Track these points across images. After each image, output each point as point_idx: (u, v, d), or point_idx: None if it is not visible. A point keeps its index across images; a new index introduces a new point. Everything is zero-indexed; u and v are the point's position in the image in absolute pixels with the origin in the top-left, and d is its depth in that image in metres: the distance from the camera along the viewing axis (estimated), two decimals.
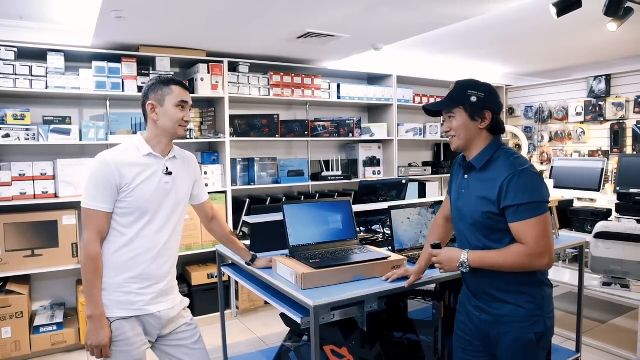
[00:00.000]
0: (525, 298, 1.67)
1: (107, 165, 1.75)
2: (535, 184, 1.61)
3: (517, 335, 1.67)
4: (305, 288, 1.88)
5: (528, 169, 1.61)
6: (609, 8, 2.71)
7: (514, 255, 1.61)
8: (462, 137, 1.72)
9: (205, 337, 3.52)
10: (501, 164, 1.66)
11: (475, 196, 1.70)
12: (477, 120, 1.69)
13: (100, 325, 1.74)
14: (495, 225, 1.66)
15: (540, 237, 1.58)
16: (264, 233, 2.42)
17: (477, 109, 1.68)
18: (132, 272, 1.81)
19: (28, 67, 3.36)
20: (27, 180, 3.40)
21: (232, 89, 4.10)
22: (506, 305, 1.69)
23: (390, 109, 5.04)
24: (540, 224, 1.58)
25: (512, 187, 1.59)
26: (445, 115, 1.76)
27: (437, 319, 2.34)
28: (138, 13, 2.92)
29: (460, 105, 1.69)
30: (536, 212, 1.58)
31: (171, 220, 1.89)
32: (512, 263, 1.61)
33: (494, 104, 1.71)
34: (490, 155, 1.70)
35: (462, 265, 1.69)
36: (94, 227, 1.76)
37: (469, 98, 1.68)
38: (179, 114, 1.85)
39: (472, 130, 1.70)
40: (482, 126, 1.70)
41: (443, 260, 1.75)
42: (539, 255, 1.59)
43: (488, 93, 1.70)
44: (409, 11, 3.03)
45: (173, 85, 1.86)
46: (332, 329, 2.17)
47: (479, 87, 1.70)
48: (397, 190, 3.18)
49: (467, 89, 1.69)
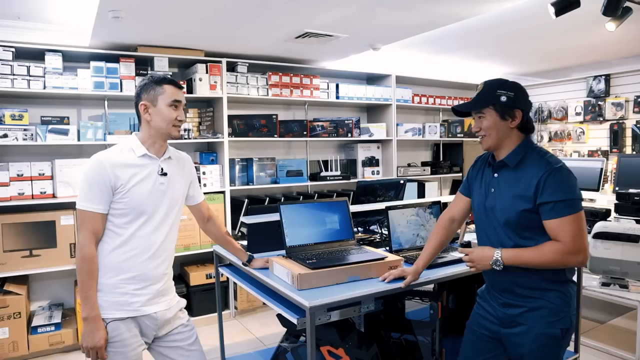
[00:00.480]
0: (554, 294, 1.69)
1: (102, 167, 1.75)
2: (571, 182, 1.63)
3: (543, 330, 1.68)
4: (301, 289, 1.87)
5: (563, 167, 1.64)
6: (608, 8, 2.70)
7: (551, 253, 1.62)
8: (493, 136, 1.73)
9: (204, 338, 3.52)
10: (535, 161, 1.68)
11: (509, 194, 1.71)
12: (507, 120, 1.71)
13: (96, 327, 1.73)
14: (529, 223, 1.67)
15: (576, 235, 1.59)
16: (261, 233, 2.42)
17: (507, 109, 1.70)
18: (128, 273, 1.80)
19: (26, 67, 3.35)
20: (25, 180, 3.40)
21: (230, 89, 4.09)
22: (536, 300, 1.70)
23: (389, 109, 5.03)
24: (576, 221, 1.60)
25: (549, 184, 1.61)
26: (475, 115, 1.77)
27: (434, 320, 2.34)
28: (135, 13, 2.91)
29: (490, 105, 1.71)
30: (573, 210, 1.60)
31: (167, 221, 1.89)
32: (549, 260, 1.63)
33: (524, 102, 1.73)
34: (523, 154, 1.72)
35: (495, 263, 1.69)
36: (89, 229, 1.75)
37: (499, 98, 1.69)
38: (172, 114, 1.84)
39: (502, 130, 1.72)
40: (512, 125, 1.71)
41: (475, 258, 1.75)
42: (576, 253, 1.60)
43: (518, 92, 1.71)
44: (406, 11, 3.02)
45: (165, 85, 1.84)
46: (329, 330, 2.17)
47: (508, 87, 1.71)
48: (395, 190, 3.17)
49: (497, 89, 1.71)
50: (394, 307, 2.53)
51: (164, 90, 1.83)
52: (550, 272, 1.68)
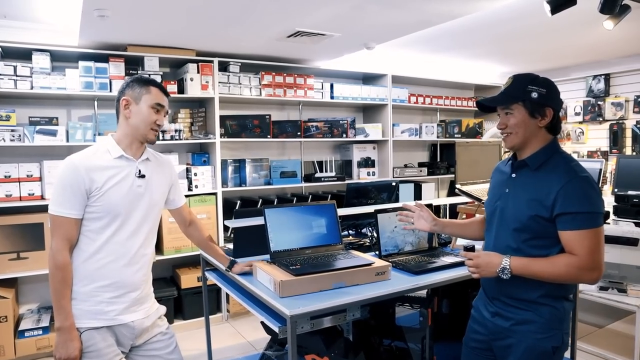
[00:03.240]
0: (546, 309, 1.60)
1: (76, 170, 1.69)
2: (595, 193, 1.52)
3: (533, 345, 1.60)
4: (283, 296, 1.81)
5: (589, 177, 1.53)
6: (605, 5, 2.63)
7: (564, 266, 1.52)
8: (519, 135, 1.62)
9: (195, 341, 3.47)
10: (560, 167, 1.57)
11: (524, 197, 1.61)
12: (537, 118, 1.60)
13: (70, 337, 1.67)
14: (540, 230, 1.57)
15: (594, 250, 1.50)
16: (247, 237, 2.36)
17: (538, 106, 1.59)
18: (103, 280, 1.74)
19: (12, 67, 3.29)
20: (13, 182, 3.35)
21: (222, 89, 4.03)
22: (526, 313, 1.62)
23: (385, 109, 4.96)
24: (596, 236, 1.50)
25: (571, 193, 1.50)
26: (501, 111, 1.66)
27: (424, 326, 2.28)
28: (121, 12, 2.85)
29: (519, 101, 1.60)
30: (593, 224, 1.50)
31: (144, 225, 1.83)
32: (561, 274, 1.53)
33: (556, 100, 1.63)
34: (548, 156, 1.61)
35: (502, 271, 1.58)
36: (63, 235, 1.69)
37: (530, 94, 1.58)
38: (152, 116, 1.79)
39: (530, 129, 1.61)
40: (541, 124, 1.61)
41: (481, 264, 1.63)
42: (591, 269, 1.50)
43: (550, 89, 1.61)
44: (399, 9, 2.96)
45: (152, 87, 1.81)
46: (314, 338, 2.11)
47: (540, 83, 1.61)
48: (388, 192, 3.11)
49: (528, 84, 1.60)
50: (385, 313, 2.47)
51: (149, 90, 1.79)
52: (552, 288, 1.59)
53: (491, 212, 1.74)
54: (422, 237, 2.50)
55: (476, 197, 2.56)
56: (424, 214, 1.96)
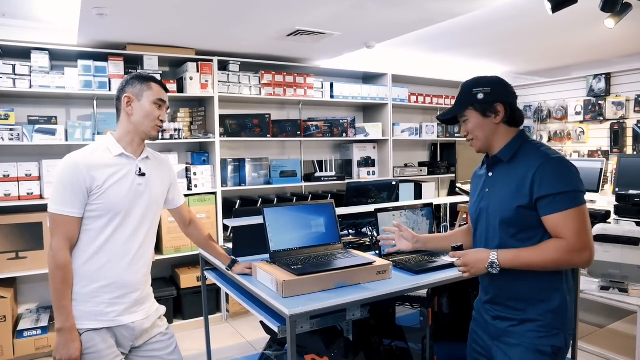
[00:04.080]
0: (546, 307, 1.56)
1: (76, 168, 1.67)
2: (571, 172, 1.50)
3: (532, 346, 1.55)
4: (286, 296, 1.80)
5: (561, 158, 1.52)
6: (606, 3, 2.63)
7: (553, 251, 1.48)
8: (480, 137, 1.64)
9: (194, 341, 3.46)
10: (531, 153, 1.57)
11: (503, 191, 1.59)
12: (490, 116, 1.61)
13: (70, 338, 1.65)
14: (526, 221, 1.54)
15: (580, 230, 1.45)
16: (246, 237, 2.35)
17: (487, 105, 1.61)
18: (103, 280, 1.72)
19: (11, 65, 3.28)
20: (12, 181, 3.33)
21: (222, 88, 4.02)
22: (526, 313, 1.58)
23: (385, 109, 4.95)
24: (579, 215, 1.46)
25: (547, 175, 1.49)
26: (460, 120, 1.69)
27: (424, 326, 2.26)
28: (120, 10, 2.84)
29: (469, 106, 1.63)
30: (574, 202, 1.46)
31: (144, 224, 1.81)
32: (551, 260, 1.48)
33: (503, 94, 1.62)
34: (517, 147, 1.61)
35: (491, 265, 1.54)
36: (63, 234, 1.67)
37: (476, 96, 1.61)
38: (155, 112, 1.78)
39: (488, 128, 1.62)
40: (497, 121, 1.61)
41: (469, 261, 1.60)
42: (580, 250, 1.46)
43: (494, 85, 1.62)
44: (399, 8, 2.95)
45: (153, 83, 1.81)
46: (314, 338, 2.09)
47: (483, 83, 1.63)
48: (388, 192, 3.09)
49: (472, 88, 1.63)
50: (385, 313, 2.46)
51: (150, 87, 1.79)
52: (549, 280, 1.55)
53: (476, 216, 1.72)
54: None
55: None
56: (404, 233, 1.94)
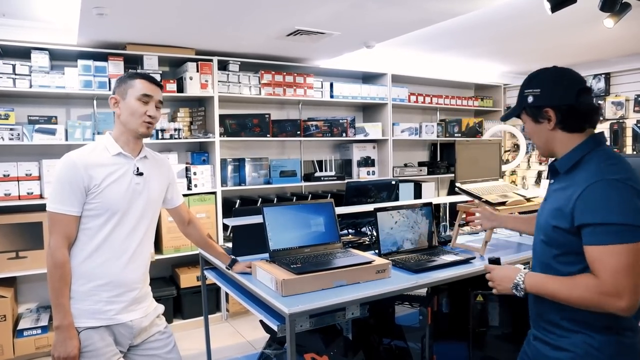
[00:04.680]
0: (580, 338, 1.33)
1: (74, 167, 1.68)
2: (628, 200, 1.23)
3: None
4: (285, 295, 1.80)
5: (621, 179, 1.25)
6: (605, 3, 2.63)
7: (582, 289, 1.27)
8: (538, 144, 1.47)
9: (194, 341, 3.47)
10: (588, 169, 1.32)
11: (550, 207, 1.41)
12: (542, 122, 1.41)
13: (69, 336, 1.66)
14: (567, 245, 1.33)
15: (619, 271, 1.21)
16: (246, 236, 2.35)
17: (537, 110, 1.40)
18: (102, 279, 1.73)
19: (11, 65, 3.29)
20: (12, 180, 3.34)
21: (222, 87, 4.02)
22: (561, 339, 1.38)
23: (385, 108, 4.96)
24: (623, 254, 1.21)
25: (591, 200, 1.25)
26: None
27: (424, 325, 2.27)
28: (120, 10, 2.84)
29: (522, 110, 1.46)
30: (621, 238, 1.21)
31: (142, 223, 1.81)
32: (578, 297, 1.28)
33: (554, 96, 1.38)
34: (579, 157, 1.36)
35: (515, 287, 1.41)
36: (61, 232, 1.68)
37: (526, 99, 1.42)
38: (140, 109, 1.76)
39: (543, 134, 1.42)
40: (550, 127, 1.39)
41: (496, 277, 1.49)
42: (614, 295, 1.21)
43: (545, 85, 1.40)
44: (399, 7, 2.95)
45: (137, 79, 1.78)
46: (313, 337, 2.10)
47: (534, 83, 1.42)
48: (387, 191, 3.10)
49: (525, 89, 1.44)
50: (384, 312, 2.46)
51: (134, 84, 1.77)
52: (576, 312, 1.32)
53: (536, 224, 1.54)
54: (422, 235, 2.49)
55: (476, 195, 2.55)
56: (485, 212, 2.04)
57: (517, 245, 2.63)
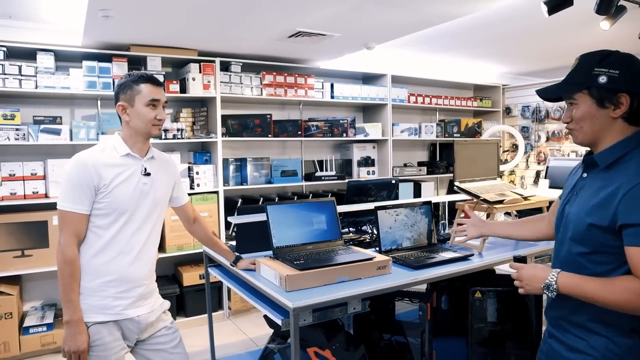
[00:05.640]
0: (602, 341, 1.31)
1: (85, 166, 1.73)
2: None
3: None
4: (289, 290, 1.85)
5: None
6: (601, 6, 2.68)
7: (623, 291, 1.22)
8: (586, 130, 1.34)
9: (197, 338, 3.52)
10: (633, 166, 1.27)
11: (587, 202, 1.33)
12: (608, 108, 1.30)
13: (78, 331, 1.71)
14: (603, 244, 1.29)
15: None
16: (250, 233, 2.40)
17: (609, 92, 1.28)
18: (109, 275, 1.78)
19: (17, 66, 3.34)
20: (17, 180, 3.39)
21: (224, 88, 4.08)
22: (578, 341, 1.36)
23: (384, 109, 5.01)
24: None
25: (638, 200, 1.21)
26: (566, 101, 1.39)
27: (423, 321, 2.32)
28: (126, 12, 2.90)
29: (583, 89, 1.32)
30: None
31: (148, 222, 1.87)
32: (619, 300, 1.23)
33: (633, 82, 1.28)
34: (623, 153, 1.30)
35: (547, 287, 1.33)
36: (71, 230, 1.73)
37: (597, 78, 1.29)
38: (150, 114, 1.80)
39: (600, 121, 1.31)
40: (615, 115, 1.30)
41: (524, 277, 1.40)
42: None
43: (624, 68, 1.28)
44: (399, 10, 3.00)
45: (142, 84, 1.80)
46: (316, 331, 2.15)
47: (611, 63, 1.29)
48: (387, 190, 3.15)
49: (595, 67, 1.30)
50: (385, 308, 2.52)
51: (140, 90, 1.79)
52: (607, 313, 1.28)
53: (558, 218, 1.48)
54: (421, 233, 2.54)
55: (475, 194, 2.61)
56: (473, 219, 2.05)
57: (514, 243, 2.68)
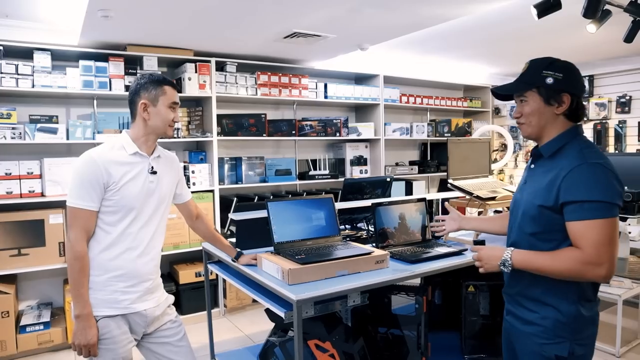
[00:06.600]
0: (552, 311, 1.49)
1: (95, 164, 1.76)
2: (607, 182, 1.39)
3: (537, 350, 1.51)
4: (291, 283, 1.91)
5: (601, 164, 1.41)
6: (588, 10, 2.77)
7: (567, 260, 1.41)
8: (533, 124, 1.55)
9: (193, 335, 3.56)
10: (572, 153, 1.47)
11: (534, 188, 1.54)
12: (552, 105, 1.51)
13: (88, 325, 1.75)
14: (549, 223, 1.48)
15: (601, 244, 1.37)
16: (249, 230, 2.45)
17: (554, 92, 1.49)
18: (117, 270, 1.82)
19: (14, 65, 3.35)
20: (14, 179, 3.39)
21: (219, 88, 4.12)
22: (532, 313, 1.54)
23: (377, 109, 5.09)
24: (604, 227, 1.37)
25: (577, 181, 1.40)
26: (517, 99, 1.59)
27: (419, 314, 2.39)
28: (124, 12, 2.93)
29: (533, 88, 1.52)
30: (601, 214, 1.37)
31: (154, 219, 1.91)
32: (564, 269, 1.41)
33: (574, 85, 1.51)
34: (562, 144, 1.51)
35: (503, 264, 1.52)
36: (81, 226, 1.76)
37: (544, 79, 1.50)
38: (170, 115, 1.88)
39: (545, 116, 1.52)
40: (558, 111, 1.51)
41: (483, 257, 1.59)
42: (597, 264, 1.37)
43: (568, 73, 1.50)
44: (393, 12, 3.07)
45: (166, 86, 1.88)
46: (316, 324, 2.21)
47: (557, 67, 1.51)
48: (382, 188, 3.22)
49: (543, 69, 1.51)
50: (381, 302, 2.58)
51: (164, 91, 1.87)
52: (557, 286, 1.48)
53: (512, 206, 1.68)
54: (417, 229, 2.61)
55: (467, 191, 2.69)
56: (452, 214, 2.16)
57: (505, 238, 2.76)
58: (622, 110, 5.17)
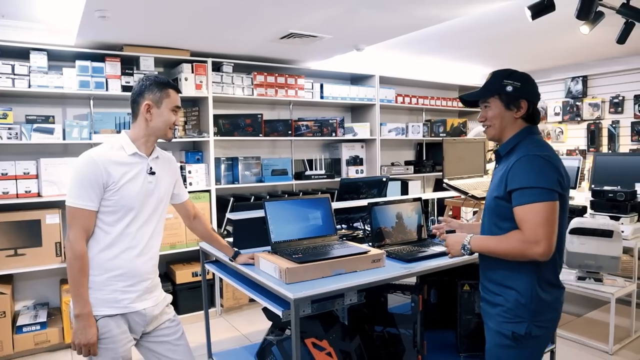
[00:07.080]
0: (512, 294, 1.66)
1: (94, 164, 1.78)
2: (542, 170, 1.58)
3: (498, 328, 1.68)
4: (289, 282, 1.93)
5: (539, 155, 1.59)
6: (581, 12, 2.80)
7: (511, 241, 1.60)
8: (496, 126, 1.74)
9: (190, 335, 3.56)
10: (521, 150, 1.66)
11: (493, 183, 1.75)
12: (512, 110, 1.71)
13: (88, 324, 1.76)
14: (503, 212, 1.66)
15: (538, 224, 1.54)
16: (246, 229, 2.47)
17: (513, 99, 1.70)
18: (117, 270, 1.83)
19: (10, 65, 3.35)
20: (10, 179, 3.39)
21: (215, 88, 4.13)
22: (496, 297, 1.71)
23: (372, 109, 5.11)
24: (541, 210, 1.54)
25: (519, 171, 1.59)
26: (481, 104, 1.79)
27: (415, 313, 2.41)
28: (122, 13, 2.93)
29: (495, 95, 1.73)
30: (537, 198, 1.55)
31: (153, 219, 1.93)
32: (510, 248, 1.60)
33: (530, 93, 1.72)
34: (516, 142, 1.71)
35: (463, 248, 1.74)
36: (80, 226, 1.77)
37: (505, 87, 1.70)
38: (172, 118, 1.91)
39: (506, 120, 1.72)
40: (517, 115, 1.71)
41: (449, 243, 1.82)
42: (534, 242, 1.54)
43: (525, 82, 1.71)
44: (389, 13, 3.10)
45: (170, 89, 1.91)
46: (313, 323, 2.23)
47: (515, 77, 1.71)
48: (378, 188, 3.24)
49: (504, 79, 1.71)
50: (377, 301, 2.60)
51: (169, 94, 1.89)
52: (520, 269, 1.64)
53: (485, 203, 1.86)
54: (412, 228, 2.64)
55: (463, 190, 2.71)
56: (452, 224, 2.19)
57: None
58: (616, 111, 5.22)
